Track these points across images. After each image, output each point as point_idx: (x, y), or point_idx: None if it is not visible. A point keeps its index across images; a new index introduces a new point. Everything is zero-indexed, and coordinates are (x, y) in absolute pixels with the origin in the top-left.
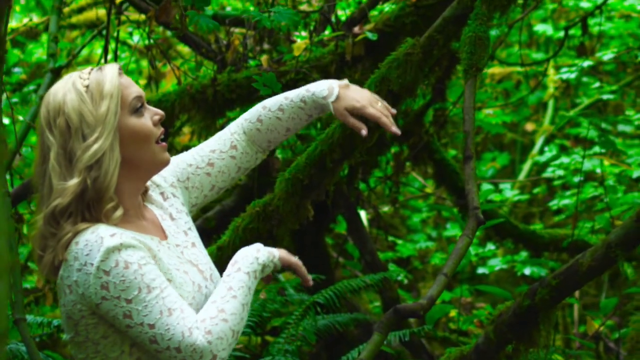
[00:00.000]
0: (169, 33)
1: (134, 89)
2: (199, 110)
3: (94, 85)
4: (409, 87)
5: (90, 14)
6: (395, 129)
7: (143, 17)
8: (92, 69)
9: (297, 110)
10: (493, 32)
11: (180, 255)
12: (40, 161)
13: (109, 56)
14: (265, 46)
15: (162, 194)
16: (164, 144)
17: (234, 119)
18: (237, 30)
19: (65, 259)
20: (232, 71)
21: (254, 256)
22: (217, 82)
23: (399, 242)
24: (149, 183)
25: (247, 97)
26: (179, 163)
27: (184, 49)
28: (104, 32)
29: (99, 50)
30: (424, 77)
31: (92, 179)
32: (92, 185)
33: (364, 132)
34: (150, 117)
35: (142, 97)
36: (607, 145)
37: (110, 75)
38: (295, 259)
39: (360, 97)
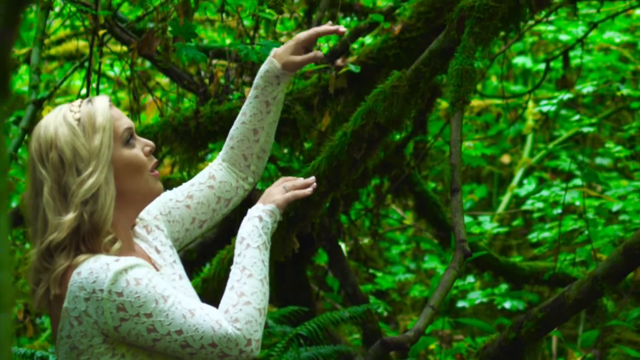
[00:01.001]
0: (147, 64)
1: (125, 121)
2: (181, 142)
3: (86, 118)
4: (396, 119)
5: (69, 46)
6: (341, 28)
7: (125, 48)
8: (82, 102)
9: (255, 102)
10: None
11: (175, 286)
12: (32, 195)
13: (89, 87)
14: (246, 78)
15: (145, 227)
16: (156, 172)
17: (218, 150)
18: (218, 62)
19: (67, 291)
20: (214, 103)
21: (259, 229)
22: (199, 114)
23: (379, 274)
24: None
25: (230, 130)
26: (162, 198)
27: (162, 80)
28: (86, 63)
29: (77, 82)
30: (410, 109)
31: (89, 213)
32: (88, 220)
33: (319, 53)
34: (141, 148)
35: (133, 129)
36: (589, 178)
37: (101, 107)
38: (289, 196)
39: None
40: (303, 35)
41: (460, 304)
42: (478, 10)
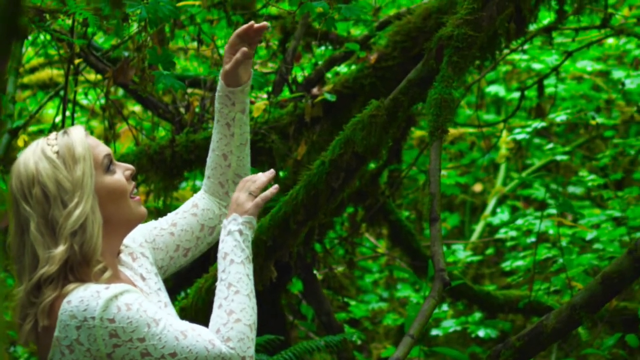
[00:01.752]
0: (120, 93)
1: (103, 148)
2: (157, 171)
3: (65, 150)
4: (374, 148)
5: (42, 74)
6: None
7: (100, 77)
8: (57, 134)
9: (218, 127)
10: None
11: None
12: (17, 232)
13: (61, 116)
14: None
15: (131, 254)
16: (138, 197)
17: (193, 179)
18: (193, 91)
19: (58, 320)
20: (190, 132)
21: (240, 243)
22: (175, 143)
23: (352, 302)
24: None
25: (205, 158)
26: (147, 226)
27: (135, 108)
28: (61, 92)
29: (50, 110)
30: (388, 138)
31: (79, 244)
32: (79, 251)
33: (244, 49)
34: (122, 173)
35: (111, 155)
36: (564, 207)
37: (79, 138)
38: (259, 201)
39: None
40: (228, 45)
41: (434, 332)
42: (457, 39)
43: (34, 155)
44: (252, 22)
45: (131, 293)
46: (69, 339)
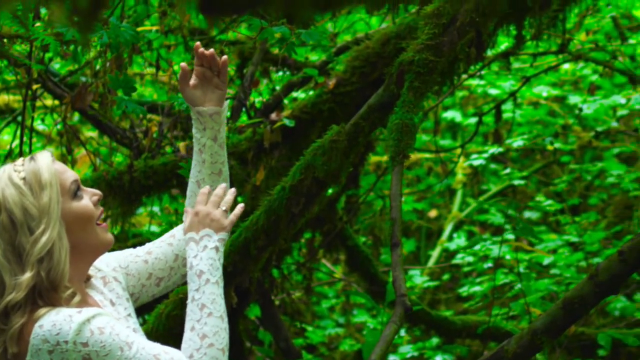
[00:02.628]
0: (76, 119)
1: (70, 174)
2: (115, 197)
3: (31, 177)
4: (334, 174)
5: None
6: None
7: (57, 102)
8: (24, 160)
9: (193, 154)
10: None
11: None
12: None
13: (17, 141)
14: (176, 133)
15: (102, 278)
16: (104, 224)
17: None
18: (151, 116)
19: (29, 345)
20: (148, 157)
21: (216, 261)
22: (133, 169)
23: (309, 328)
24: (91, 267)
25: (164, 184)
26: (123, 252)
27: (90, 133)
28: (18, 118)
29: (6, 136)
30: (349, 164)
31: (46, 270)
32: (46, 277)
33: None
34: (89, 198)
35: (78, 181)
36: (524, 233)
37: (45, 164)
38: (234, 219)
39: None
40: (183, 65)
41: (391, 357)
42: (418, 64)
43: (1, 182)
44: (197, 43)
45: (103, 316)
46: None
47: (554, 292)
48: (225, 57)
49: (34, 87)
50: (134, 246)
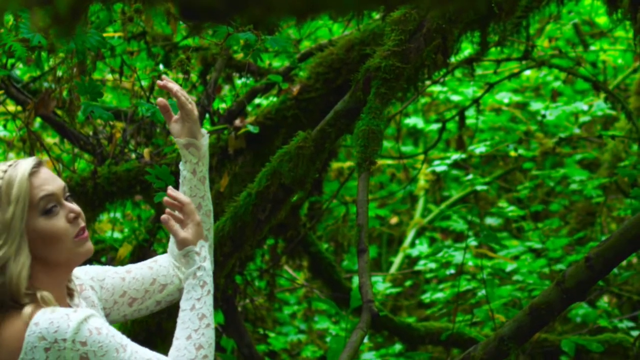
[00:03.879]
0: (37, 125)
1: (45, 188)
2: (78, 203)
3: (4, 188)
4: (301, 180)
5: None
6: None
7: (19, 108)
8: (8, 166)
9: (179, 187)
10: None
11: None
12: None
13: None
14: (140, 139)
15: (80, 285)
16: (83, 236)
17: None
18: (114, 123)
19: (24, 342)
20: (112, 164)
21: (211, 274)
22: (97, 175)
23: (271, 334)
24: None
25: (128, 190)
26: (104, 267)
27: (51, 140)
28: None
29: None
30: (315, 170)
31: None
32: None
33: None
34: (65, 216)
35: (55, 195)
36: (489, 239)
37: (20, 175)
38: (186, 235)
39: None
40: (160, 100)
41: None
42: (384, 71)
43: None
44: (161, 78)
45: (97, 317)
46: None
47: (517, 299)
48: (175, 88)
49: None
50: (97, 252)
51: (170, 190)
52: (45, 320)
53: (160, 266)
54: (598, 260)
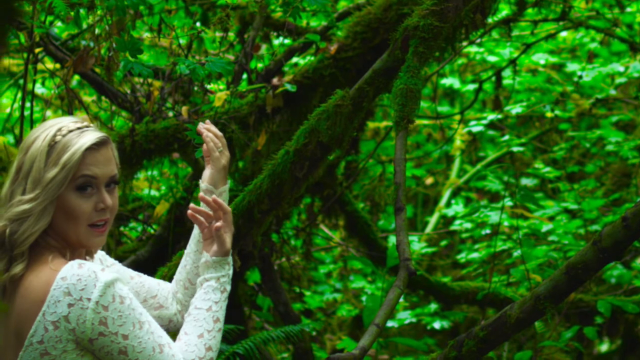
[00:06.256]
0: (74, 83)
1: (92, 169)
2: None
3: (60, 147)
4: (339, 138)
5: None
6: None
7: (58, 66)
8: (80, 126)
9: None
10: None
11: None
12: (4, 182)
13: (18, 104)
14: (177, 97)
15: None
16: (99, 229)
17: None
18: (151, 81)
19: (49, 295)
20: (149, 121)
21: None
22: (135, 133)
23: (307, 293)
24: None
25: (165, 148)
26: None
27: (88, 98)
28: (19, 81)
29: (5, 100)
30: (353, 128)
31: (10, 231)
32: (8, 236)
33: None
34: (94, 203)
35: (97, 179)
36: (526, 199)
37: (78, 146)
38: (228, 247)
39: None
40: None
41: (389, 323)
42: (422, 30)
43: (45, 131)
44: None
45: (122, 283)
46: (56, 314)
47: (552, 259)
48: (205, 132)
49: (36, 50)
50: (134, 210)
51: (215, 197)
52: (73, 275)
53: (163, 289)
54: (635, 219)
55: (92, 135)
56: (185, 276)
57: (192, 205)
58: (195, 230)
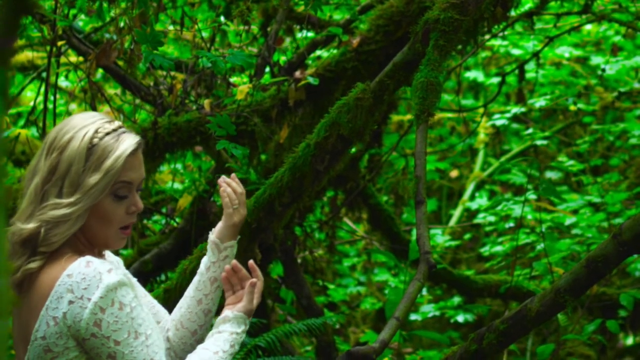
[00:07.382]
0: (98, 76)
1: (129, 175)
2: None
3: (100, 151)
4: (359, 131)
5: (21, 57)
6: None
7: (81, 59)
8: (115, 127)
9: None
10: None
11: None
12: (30, 176)
13: (41, 98)
14: (200, 90)
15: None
16: (127, 231)
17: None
18: (174, 74)
19: (52, 290)
20: (172, 114)
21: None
22: (157, 126)
23: (331, 286)
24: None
25: (188, 141)
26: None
27: (111, 91)
28: (42, 74)
29: (28, 93)
30: (373, 121)
31: (45, 231)
32: (43, 236)
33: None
34: (127, 206)
35: (132, 185)
36: (548, 192)
37: (121, 151)
38: (253, 307)
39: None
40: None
41: (412, 316)
42: (443, 23)
43: (81, 129)
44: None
45: (128, 290)
46: (58, 310)
47: (575, 252)
48: (223, 187)
49: (59, 43)
50: (157, 203)
51: (252, 263)
52: (79, 274)
53: (166, 320)
54: None
55: (130, 140)
56: (179, 318)
57: (227, 267)
58: (197, 277)
